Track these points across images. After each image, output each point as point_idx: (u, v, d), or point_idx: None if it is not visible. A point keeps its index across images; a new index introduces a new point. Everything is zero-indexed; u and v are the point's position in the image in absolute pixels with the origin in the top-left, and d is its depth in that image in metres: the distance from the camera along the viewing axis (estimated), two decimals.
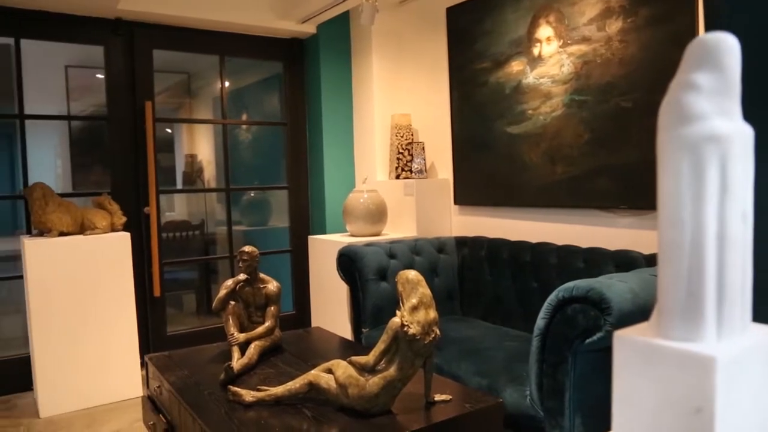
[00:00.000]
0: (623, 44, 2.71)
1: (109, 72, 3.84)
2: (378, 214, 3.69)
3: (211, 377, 2.18)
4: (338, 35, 4.33)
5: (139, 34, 3.87)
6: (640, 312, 1.84)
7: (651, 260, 2.47)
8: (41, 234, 3.32)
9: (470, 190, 3.67)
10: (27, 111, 3.64)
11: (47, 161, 5.08)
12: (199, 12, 3.86)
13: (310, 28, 4.26)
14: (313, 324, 4.03)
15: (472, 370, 2.36)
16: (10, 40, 3.65)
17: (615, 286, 1.86)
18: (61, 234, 3.30)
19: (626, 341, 0.68)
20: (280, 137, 4.57)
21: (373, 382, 1.74)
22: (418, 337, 1.69)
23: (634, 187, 2.71)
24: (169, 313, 4.09)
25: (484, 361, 2.39)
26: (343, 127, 4.37)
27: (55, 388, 3.25)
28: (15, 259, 4.77)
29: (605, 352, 1.90)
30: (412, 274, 1.78)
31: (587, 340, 1.87)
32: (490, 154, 3.48)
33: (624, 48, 2.71)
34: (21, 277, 3.51)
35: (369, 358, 1.76)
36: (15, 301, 4.68)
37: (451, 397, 1.89)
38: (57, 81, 4.93)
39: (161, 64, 3.99)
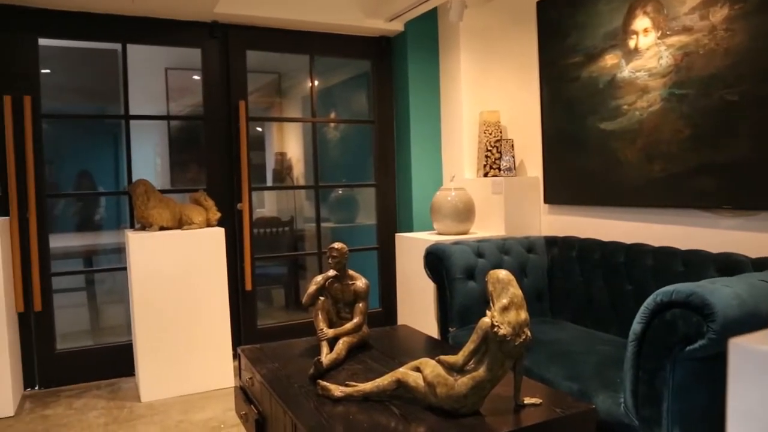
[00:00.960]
0: (729, 33, 2.54)
1: (206, 73, 4.01)
2: (465, 213, 3.65)
3: (300, 371, 2.23)
4: (426, 32, 4.32)
5: (233, 36, 4.02)
6: (748, 320, 1.72)
7: (760, 264, 2.30)
8: (143, 228, 3.52)
9: (561, 188, 3.56)
10: (131, 112, 3.87)
11: (147, 159, 5.36)
12: (290, 13, 3.96)
13: (398, 26, 4.27)
14: (399, 322, 4.04)
15: (562, 374, 2.29)
16: (118, 46, 3.89)
17: (719, 291, 1.75)
18: (161, 228, 3.48)
19: (745, 350, 0.63)
20: (368, 135, 4.62)
21: (462, 382, 1.72)
22: (509, 338, 1.66)
23: (740, 186, 2.54)
24: (258, 307, 4.23)
25: (574, 365, 2.32)
26: (430, 125, 4.35)
27: (154, 374, 3.43)
28: (119, 251, 5.08)
29: (709, 360, 1.79)
30: (503, 273, 1.74)
31: (688, 348, 1.76)
32: (582, 151, 3.36)
33: (730, 37, 2.54)
34: (125, 268, 3.74)
35: (458, 358, 1.74)
36: (119, 291, 5.00)
37: (541, 400, 1.84)
38: (158, 83, 5.20)
39: (253, 64, 4.12)
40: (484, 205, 3.82)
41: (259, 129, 5.75)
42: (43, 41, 3.64)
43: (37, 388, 3.63)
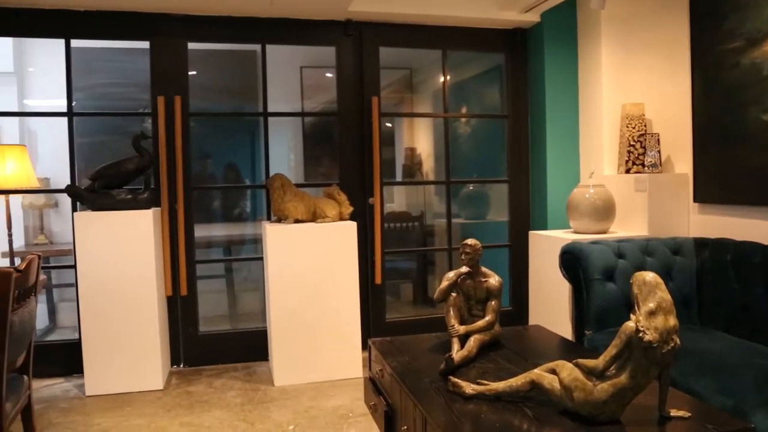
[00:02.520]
0: None
1: (340, 70, 4.10)
2: (605, 211, 3.44)
3: (430, 366, 2.19)
4: (563, 23, 4.13)
5: (366, 33, 4.07)
6: None
7: None
8: (279, 221, 3.66)
9: (714, 186, 3.25)
10: (269, 109, 4.04)
11: (282, 154, 5.60)
12: (423, 8, 3.95)
13: (533, 17, 4.12)
14: (531, 322, 3.90)
15: (713, 387, 2.08)
16: (257, 47, 4.08)
17: None
18: (296, 221, 3.60)
19: None
20: (501, 130, 4.50)
21: (602, 388, 1.61)
22: (655, 345, 1.52)
23: None
24: (387, 300, 4.26)
25: (728, 379, 2.10)
26: (567, 119, 4.15)
27: (287, 360, 3.56)
28: (254, 242, 5.35)
29: None
30: (650, 276, 1.61)
31: None
32: (741, 145, 3.04)
33: None
34: (261, 258, 3.91)
35: (598, 362, 1.63)
36: (254, 280, 5.26)
37: (689, 414, 1.67)
38: (293, 81, 5.41)
39: (385, 60, 4.16)
40: (625, 203, 3.58)
41: (389, 125, 5.81)
42: (191, 45, 3.90)
43: (182, 366, 3.91)
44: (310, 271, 3.56)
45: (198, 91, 4.15)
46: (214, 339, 4.00)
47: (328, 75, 5.29)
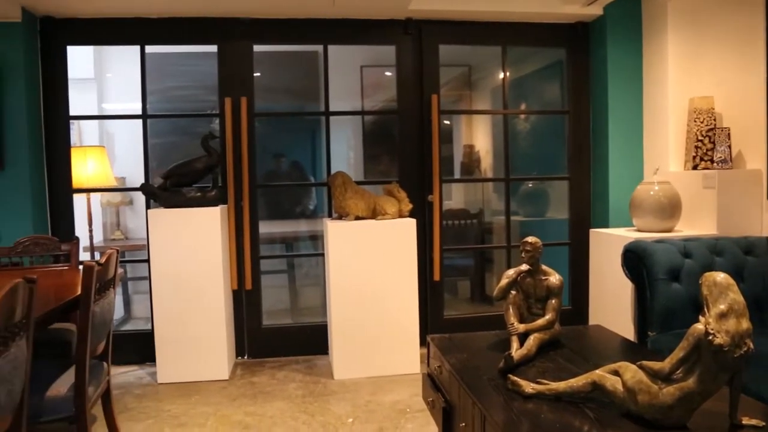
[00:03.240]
0: None
1: (399, 69, 4.13)
2: (670, 209, 3.36)
3: (489, 364, 2.20)
4: (627, 15, 4.03)
5: (426, 31, 4.09)
6: None
7: None
8: (340, 217, 3.74)
9: None
10: (330, 108, 4.12)
11: (341, 152, 5.69)
12: (483, 5, 3.93)
13: (596, 10, 4.04)
14: (591, 322, 3.85)
15: None
16: (319, 47, 4.16)
17: None
18: (357, 218, 3.67)
19: None
20: (561, 126, 4.44)
21: (668, 391, 1.58)
22: (726, 349, 1.48)
23: None
24: (445, 297, 4.28)
25: None
26: (630, 114, 4.06)
27: (346, 354, 3.64)
28: (315, 238, 5.46)
29: None
30: (720, 276, 1.56)
31: None
32: None
33: None
34: (322, 254, 4.00)
35: (664, 365, 1.60)
36: (314, 275, 5.37)
37: (763, 423, 1.62)
38: (353, 80, 5.48)
39: (444, 58, 4.17)
40: (692, 201, 3.47)
41: (447, 122, 5.81)
42: (256, 47, 4.02)
43: (246, 357, 4.05)
44: (370, 267, 3.62)
45: (262, 92, 4.27)
46: (277, 332, 4.12)
47: (388, 73, 5.33)
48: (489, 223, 5.47)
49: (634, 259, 2.92)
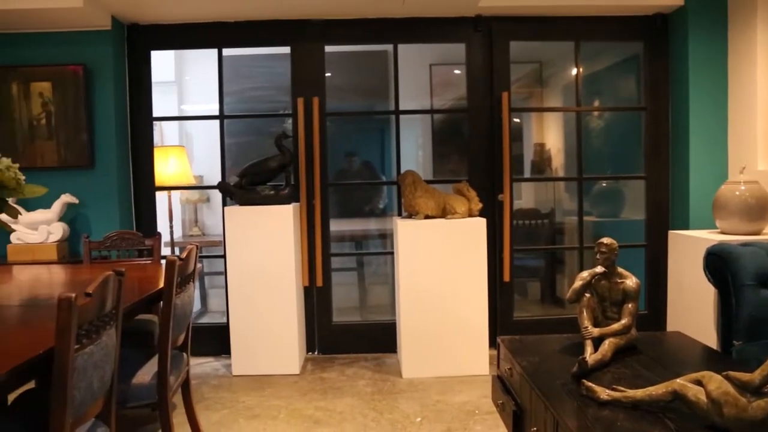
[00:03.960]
0: None
1: (469, 67, 4.10)
2: (758, 210, 3.19)
3: (562, 367, 2.16)
4: (711, 5, 3.84)
5: (497, 28, 4.04)
6: None
7: None
8: (410, 216, 3.75)
9: None
10: (400, 107, 4.14)
11: (410, 151, 5.69)
12: None
13: (676, 1, 3.87)
14: (669, 328, 3.70)
15: None
16: (388, 47, 4.19)
17: None
18: (427, 217, 3.67)
19: None
20: (637, 123, 4.29)
21: (758, 405, 1.50)
22: None
23: None
24: (514, 298, 4.22)
25: None
26: (714, 110, 3.87)
27: (415, 353, 3.65)
28: (383, 237, 5.50)
29: None
30: None
31: None
32: None
33: None
34: (391, 253, 4.02)
35: (754, 377, 1.52)
36: (383, 274, 5.40)
37: None
38: (422, 79, 5.48)
39: (514, 54, 4.10)
40: None
41: (517, 120, 5.72)
42: (328, 48, 4.09)
43: (316, 353, 4.12)
44: (440, 266, 3.62)
45: (332, 92, 4.33)
46: (346, 329, 4.18)
47: (457, 72, 5.31)
48: (560, 223, 5.35)
49: (718, 263, 2.79)
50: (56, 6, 3.46)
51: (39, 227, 3.72)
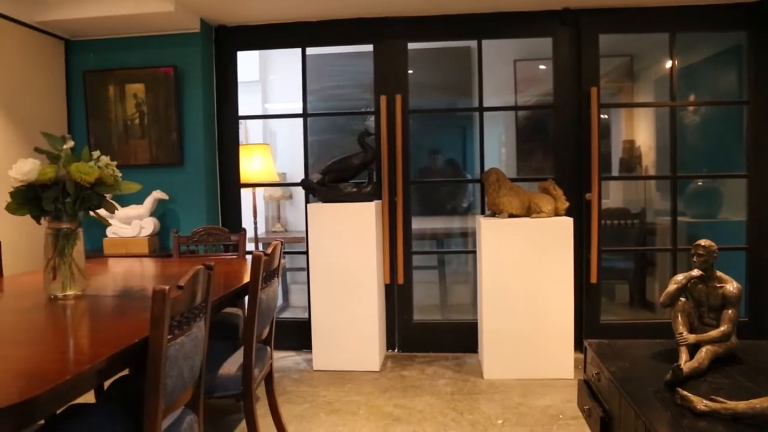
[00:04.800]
0: None
1: (556, 61, 3.98)
2: None
3: (653, 374, 2.06)
4: None
5: (585, 21, 3.90)
6: None
7: None
8: (493, 215, 3.68)
9: None
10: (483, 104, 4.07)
11: (492, 149, 5.60)
12: None
13: None
14: None
15: None
16: (472, 43, 4.13)
17: None
18: (511, 215, 3.59)
19: None
20: (738, 118, 4.03)
21: None
22: None
23: None
24: (601, 301, 4.06)
25: None
26: None
27: (497, 354, 3.58)
28: (465, 235, 5.44)
29: None
30: None
31: None
32: None
33: None
34: (473, 251, 3.96)
35: None
36: (464, 272, 5.35)
37: None
38: (505, 75, 5.37)
39: (603, 48, 3.94)
40: None
41: (605, 116, 5.50)
42: (411, 45, 4.08)
43: (396, 350, 4.13)
44: (524, 265, 3.53)
45: (414, 89, 4.32)
46: (427, 328, 4.16)
47: (542, 67, 5.17)
48: (651, 223, 5.10)
49: None
50: (149, 11, 3.63)
51: (132, 222, 3.92)
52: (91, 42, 4.08)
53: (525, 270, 3.53)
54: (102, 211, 2.29)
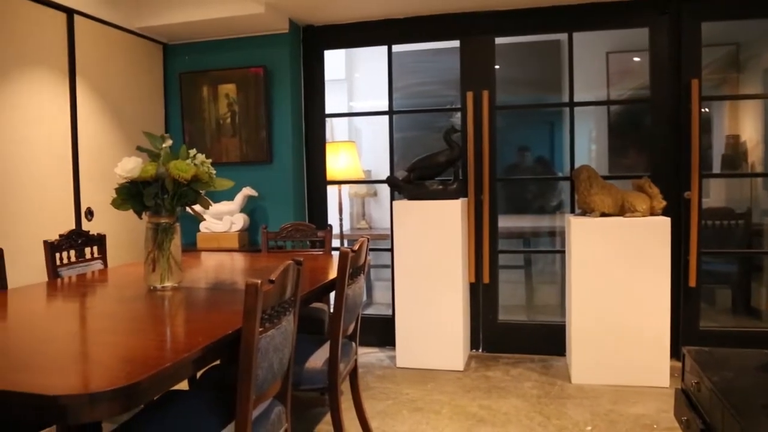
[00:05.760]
0: None
1: (653, 53, 3.79)
2: None
3: (761, 387, 1.92)
4: None
5: (687, 8, 3.68)
6: None
7: None
8: (584, 214, 3.55)
9: None
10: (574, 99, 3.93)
11: (582, 145, 5.40)
12: None
13: None
14: None
15: None
16: (562, 36, 3.99)
17: None
18: (603, 215, 3.45)
19: None
20: None
21: None
22: None
23: None
24: (700, 306, 3.83)
25: None
26: None
27: (586, 358, 3.45)
28: (552, 234, 5.28)
29: None
30: None
31: None
32: None
33: None
34: (562, 251, 3.84)
35: None
36: (550, 273, 5.20)
37: None
38: (597, 68, 5.17)
39: (705, 37, 3.71)
40: None
41: (706, 110, 5.18)
42: (498, 40, 4.00)
43: (480, 350, 4.07)
44: (616, 267, 3.37)
45: (501, 85, 4.24)
46: (512, 328, 4.07)
47: (636, 59, 4.93)
48: (758, 224, 4.76)
49: None
50: (240, 14, 3.75)
51: (223, 217, 4.06)
52: (187, 45, 4.26)
53: (617, 271, 3.37)
54: (197, 207, 2.38)
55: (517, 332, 4.05)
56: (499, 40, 4.02)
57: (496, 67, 4.05)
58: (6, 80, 3.06)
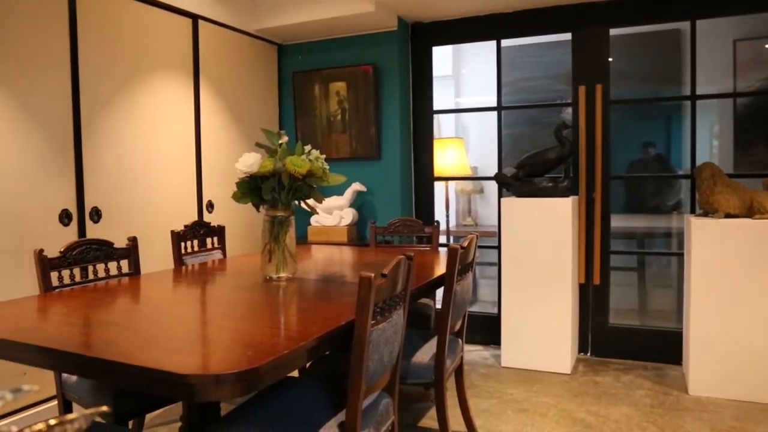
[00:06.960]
0: None
1: None
2: None
3: None
4: None
5: None
6: None
7: None
8: (706, 214, 3.33)
9: None
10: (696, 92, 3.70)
11: (702, 141, 5.06)
12: None
13: None
14: None
15: None
16: (683, 24, 3.75)
17: None
18: (727, 215, 3.22)
19: None
20: None
21: None
22: None
23: None
24: None
25: None
26: None
27: (706, 369, 3.24)
28: (668, 236, 4.99)
29: None
30: None
31: None
32: None
33: None
34: (678, 254, 3.62)
35: None
36: (666, 276, 4.92)
37: None
38: (719, 58, 4.82)
39: None
40: None
41: None
42: (613, 31, 3.83)
43: (588, 354, 3.92)
44: (742, 273, 3.13)
45: (614, 78, 4.06)
46: (624, 333, 3.89)
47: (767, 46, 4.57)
48: None
49: None
50: (351, 13, 3.83)
51: (333, 212, 4.17)
52: (300, 45, 4.42)
53: (743, 278, 3.13)
54: (310, 201, 2.46)
55: (628, 337, 3.87)
56: (614, 32, 3.85)
57: (610, 59, 3.88)
58: (140, 82, 3.31)
